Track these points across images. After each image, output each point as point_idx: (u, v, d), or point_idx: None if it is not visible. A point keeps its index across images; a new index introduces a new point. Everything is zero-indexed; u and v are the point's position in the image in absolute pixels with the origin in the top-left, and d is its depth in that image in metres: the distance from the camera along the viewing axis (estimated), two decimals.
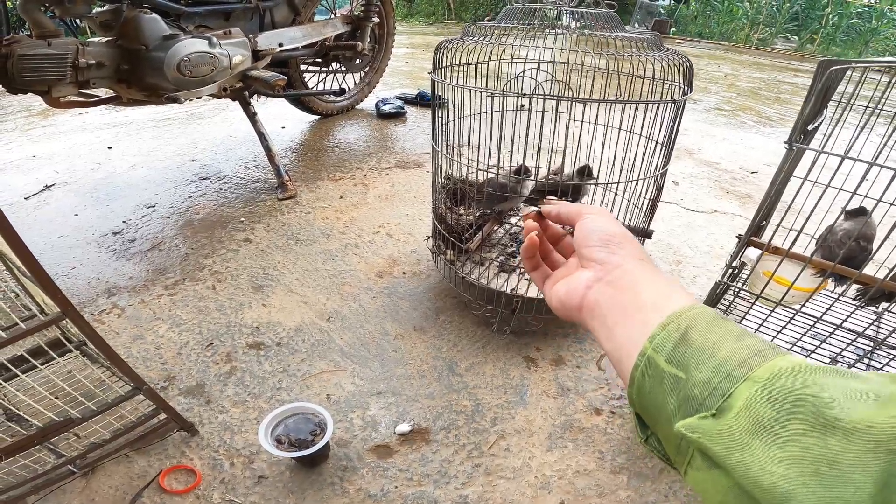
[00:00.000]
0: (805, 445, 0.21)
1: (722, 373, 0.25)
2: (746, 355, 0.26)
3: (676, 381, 0.27)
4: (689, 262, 1.56)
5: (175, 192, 1.88)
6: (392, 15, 2.80)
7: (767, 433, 0.22)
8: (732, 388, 0.25)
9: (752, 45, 9.47)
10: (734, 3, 9.82)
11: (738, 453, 0.23)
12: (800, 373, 0.23)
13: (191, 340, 1.19)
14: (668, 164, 1.10)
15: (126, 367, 0.85)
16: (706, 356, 0.27)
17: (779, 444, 0.22)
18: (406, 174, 2.10)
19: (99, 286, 1.37)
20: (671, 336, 0.29)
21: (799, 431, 0.22)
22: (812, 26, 9.64)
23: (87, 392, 0.86)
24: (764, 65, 6.66)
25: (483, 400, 1.07)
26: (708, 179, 2.21)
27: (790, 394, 0.23)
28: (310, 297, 1.33)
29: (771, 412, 0.23)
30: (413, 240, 1.60)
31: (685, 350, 0.28)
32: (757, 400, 0.23)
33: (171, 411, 0.92)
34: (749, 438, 0.23)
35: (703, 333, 0.28)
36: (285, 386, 1.08)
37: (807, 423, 0.22)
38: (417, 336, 1.22)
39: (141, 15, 1.54)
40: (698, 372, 0.26)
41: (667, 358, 0.28)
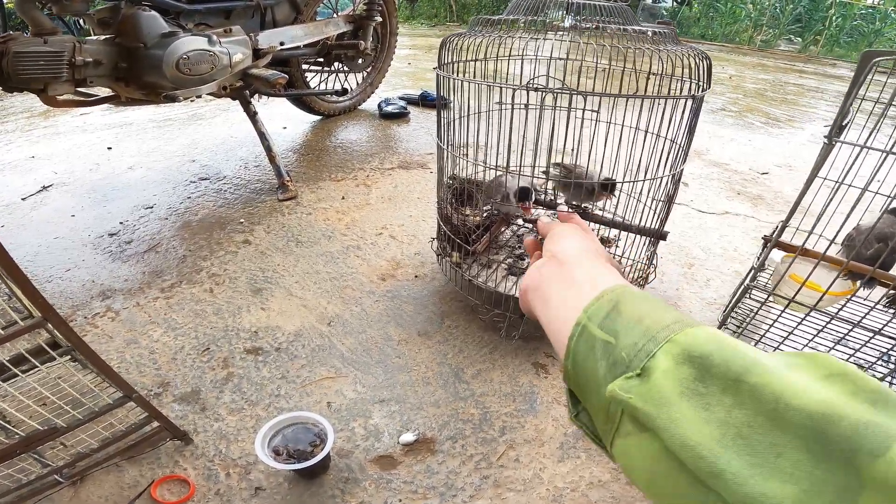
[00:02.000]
0: (725, 405, 0.21)
1: (647, 336, 0.27)
2: (669, 321, 0.27)
3: (607, 347, 0.28)
4: (702, 265, 1.51)
5: (174, 193, 1.84)
6: (395, 14, 2.77)
7: (692, 393, 0.23)
8: (655, 349, 0.25)
9: (755, 46, 9.43)
10: (737, 5, 9.79)
11: (666, 409, 0.23)
12: (711, 338, 0.24)
13: (186, 345, 1.15)
14: (685, 164, 1.06)
15: (115, 375, 0.81)
16: (634, 322, 0.28)
17: (703, 404, 0.22)
18: (409, 175, 2.05)
19: (94, 289, 1.33)
20: (604, 307, 0.31)
21: (719, 389, 0.22)
22: (815, 28, 9.60)
23: (75, 399, 0.81)
24: (768, 66, 6.61)
25: (491, 408, 1.03)
26: (718, 181, 2.16)
27: (705, 353, 0.23)
28: (310, 301, 1.29)
29: (692, 371, 0.23)
30: (417, 241, 1.56)
31: (616, 318, 0.29)
32: (678, 360, 0.24)
33: (163, 419, 0.88)
34: (676, 399, 0.23)
35: (633, 304, 0.30)
36: (284, 393, 1.04)
37: (721, 378, 0.22)
38: (422, 341, 1.18)
39: (139, 12, 1.51)
40: (626, 337, 0.28)
41: (599, 325, 0.30)
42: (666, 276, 1.42)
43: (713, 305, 1.34)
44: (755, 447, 0.20)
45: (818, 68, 7.12)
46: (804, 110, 3.84)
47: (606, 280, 0.34)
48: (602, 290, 0.32)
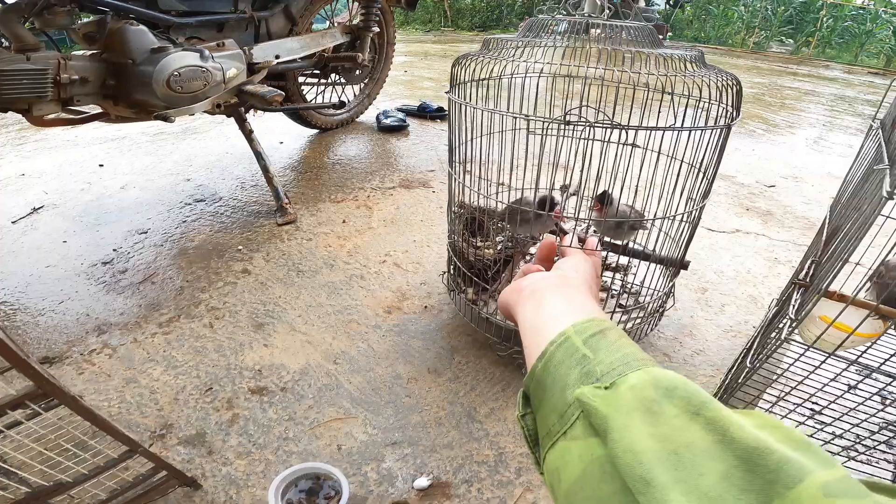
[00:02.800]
0: (673, 426, 0.24)
1: (623, 361, 0.29)
2: (647, 358, 0.30)
3: (584, 359, 0.31)
4: (716, 290, 1.47)
5: (168, 217, 1.77)
6: (392, 24, 2.72)
7: (647, 411, 0.25)
8: (628, 372, 0.28)
9: (748, 49, 9.46)
10: (729, 8, 9.82)
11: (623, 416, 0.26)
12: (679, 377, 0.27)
13: (188, 384, 1.10)
14: (708, 198, 1.01)
15: (118, 432, 0.76)
16: (615, 349, 0.31)
17: (654, 422, 0.25)
18: (411, 195, 2.00)
19: (89, 323, 1.27)
20: (592, 327, 0.33)
21: (672, 414, 0.25)
22: (807, 29, 9.66)
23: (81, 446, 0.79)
24: (762, 69, 6.62)
25: (506, 449, 0.98)
26: (726, 195, 2.12)
27: (671, 383, 0.26)
28: (314, 337, 1.23)
29: (653, 394, 0.26)
30: (422, 269, 1.50)
31: (601, 340, 0.32)
32: (644, 384, 0.27)
33: (170, 468, 0.84)
34: (632, 411, 0.26)
35: (619, 337, 0.33)
36: (292, 436, 0.99)
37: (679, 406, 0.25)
38: (432, 379, 1.13)
39: (127, 27, 1.43)
40: (605, 356, 0.30)
41: (583, 340, 0.32)
42: (679, 301, 1.38)
43: (729, 333, 1.30)
44: (685, 465, 0.22)
45: (812, 70, 7.14)
46: (803, 115, 3.83)
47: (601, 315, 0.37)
48: (593, 317, 0.35)
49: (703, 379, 1.15)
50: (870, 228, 0.55)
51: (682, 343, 1.26)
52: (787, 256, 1.68)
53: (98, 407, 1.03)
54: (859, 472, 0.87)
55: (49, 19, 1.36)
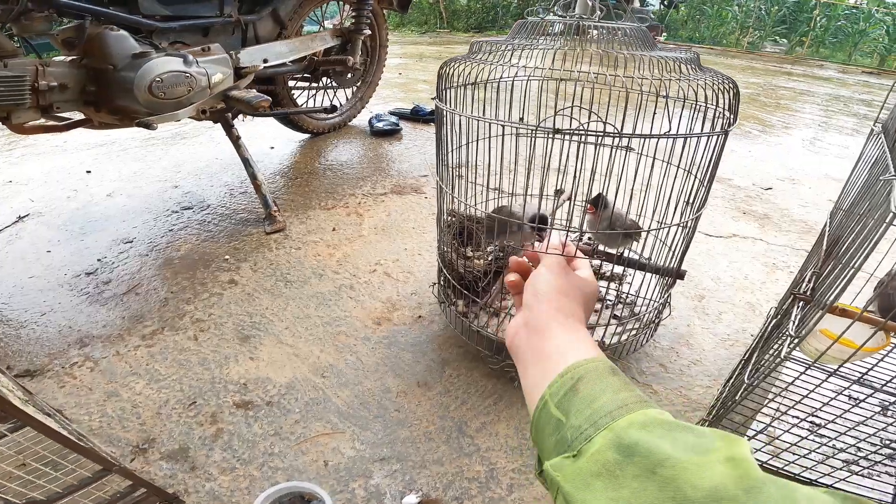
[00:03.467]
0: (633, 488, 0.25)
1: (591, 421, 0.30)
2: (613, 407, 0.30)
3: (558, 425, 0.32)
4: (713, 297, 1.44)
5: (155, 225, 1.73)
6: (384, 26, 2.68)
7: (608, 475, 0.27)
8: (594, 434, 0.29)
9: (742, 49, 9.47)
10: (724, 8, 9.83)
11: (582, 492, 0.27)
12: (646, 425, 0.28)
13: (171, 398, 1.06)
14: (704, 207, 0.98)
15: (90, 452, 0.73)
16: (584, 405, 0.32)
17: (614, 485, 0.26)
18: (402, 201, 1.96)
19: (71, 335, 1.24)
20: (565, 385, 0.34)
21: (631, 475, 0.26)
22: (800, 29, 9.68)
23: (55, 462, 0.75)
24: (757, 69, 6.61)
25: (498, 464, 0.95)
26: (722, 199, 2.09)
27: (632, 442, 0.27)
28: (302, 349, 1.20)
29: (616, 457, 0.27)
30: (413, 279, 1.47)
31: (572, 398, 0.33)
32: (608, 446, 0.28)
33: (150, 486, 0.81)
34: (593, 480, 0.27)
35: (591, 385, 0.33)
36: (278, 451, 0.95)
37: (639, 466, 0.26)
38: (422, 393, 1.09)
39: (106, 32, 1.40)
40: (575, 418, 0.31)
41: (556, 404, 0.33)
42: (676, 310, 1.35)
43: (727, 342, 1.27)
44: None
45: (806, 70, 7.15)
46: (798, 116, 3.81)
47: (574, 354, 0.37)
48: (567, 366, 0.36)
49: (699, 390, 1.12)
50: (877, 244, 0.52)
51: (678, 353, 1.22)
52: (785, 262, 1.66)
53: (78, 421, 1.00)
54: (860, 487, 0.84)
55: (27, 25, 1.33)
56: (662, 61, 0.91)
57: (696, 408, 1.08)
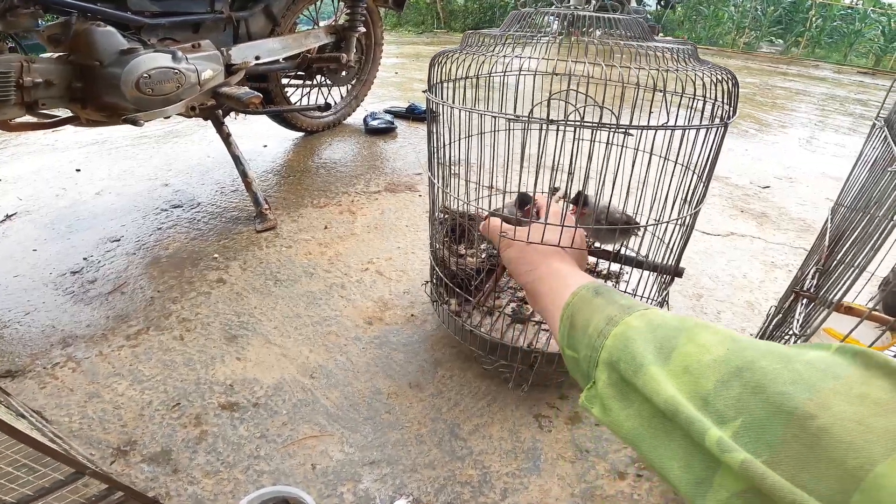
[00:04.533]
0: (635, 401, 0.29)
1: (591, 346, 0.34)
2: (603, 325, 0.34)
3: (576, 362, 0.36)
4: (711, 296, 1.41)
5: (143, 223, 1.70)
6: (380, 24, 2.66)
7: (619, 394, 0.31)
8: (597, 357, 0.33)
9: (738, 49, 9.49)
10: (720, 8, 9.86)
11: (608, 415, 0.31)
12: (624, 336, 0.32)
13: (154, 400, 1.03)
14: (703, 202, 0.95)
15: (61, 455, 0.69)
16: (583, 335, 0.35)
17: (626, 403, 0.30)
18: (396, 199, 1.93)
19: (54, 335, 1.20)
20: (566, 326, 0.38)
21: (631, 388, 0.30)
22: (796, 30, 9.72)
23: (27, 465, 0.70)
24: (753, 69, 6.62)
25: (491, 468, 0.92)
26: (720, 197, 2.07)
27: (618, 356, 0.31)
28: (291, 350, 1.16)
29: (614, 376, 0.31)
30: (406, 278, 1.43)
31: (574, 333, 0.37)
32: (606, 367, 0.32)
33: (127, 489, 0.77)
34: (611, 402, 0.31)
35: (581, 314, 0.37)
36: (264, 454, 0.92)
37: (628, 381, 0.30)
38: (413, 394, 1.06)
39: (93, 28, 1.37)
40: (582, 350, 0.35)
41: (567, 345, 0.38)
42: (674, 309, 1.32)
43: None
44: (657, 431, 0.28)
45: (802, 70, 7.16)
46: (794, 115, 3.81)
47: (564, 293, 0.41)
48: (561, 307, 0.40)
49: None
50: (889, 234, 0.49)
51: None
52: (783, 260, 1.63)
53: (58, 423, 0.96)
54: None
55: (12, 21, 1.29)
56: (660, 53, 0.88)
57: None
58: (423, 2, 8.40)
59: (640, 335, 0.30)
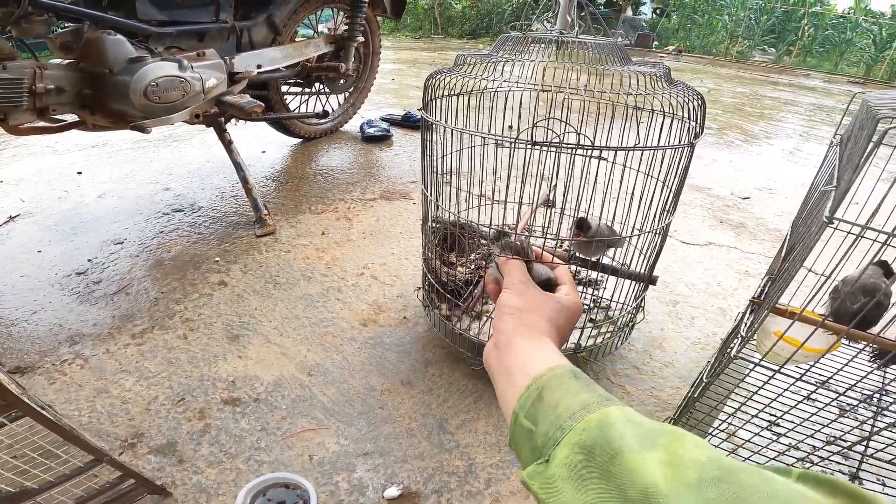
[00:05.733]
0: (598, 489, 0.27)
1: (556, 425, 0.32)
2: (576, 409, 0.32)
3: (530, 434, 0.34)
4: (687, 303, 1.50)
5: (146, 227, 1.77)
6: (378, 33, 2.74)
7: (577, 477, 0.28)
8: (561, 437, 0.31)
9: (731, 57, 9.66)
10: (714, 17, 10.05)
11: (553, 497, 0.28)
12: (605, 424, 0.30)
13: (160, 395, 1.10)
14: (674, 213, 1.05)
15: (82, 442, 0.77)
16: (549, 411, 0.33)
17: (582, 488, 0.27)
18: (391, 206, 2.01)
19: (61, 333, 1.27)
20: (531, 396, 0.36)
21: (596, 475, 0.27)
22: (789, 38, 9.90)
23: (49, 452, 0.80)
24: (745, 78, 6.76)
25: (476, 459, 1.00)
26: (701, 207, 2.17)
27: (592, 443, 0.29)
28: (290, 349, 1.24)
29: (580, 458, 0.29)
30: (399, 282, 1.52)
31: (538, 406, 0.35)
32: (572, 448, 0.29)
33: (138, 476, 0.85)
34: (563, 483, 0.28)
35: (553, 391, 0.35)
36: (264, 446, 1.00)
37: (599, 465, 0.27)
38: (405, 391, 1.14)
39: (104, 36, 1.44)
40: (542, 425, 0.33)
41: (525, 415, 0.35)
42: (651, 315, 1.41)
43: (697, 345, 1.34)
44: None
45: (792, 79, 7.30)
46: (780, 126, 3.93)
47: (537, 364, 0.39)
48: (532, 377, 0.38)
49: (670, 391, 1.18)
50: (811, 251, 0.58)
51: (651, 355, 1.29)
52: (757, 269, 1.73)
53: (68, 416, 1.03)
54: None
55: (26, 28, 1.36)
56: (635, 76, 0.97)
57: (666, 408, 1.14)
58: (421, 7, 8.50)
59: (621, 424, 0.29)
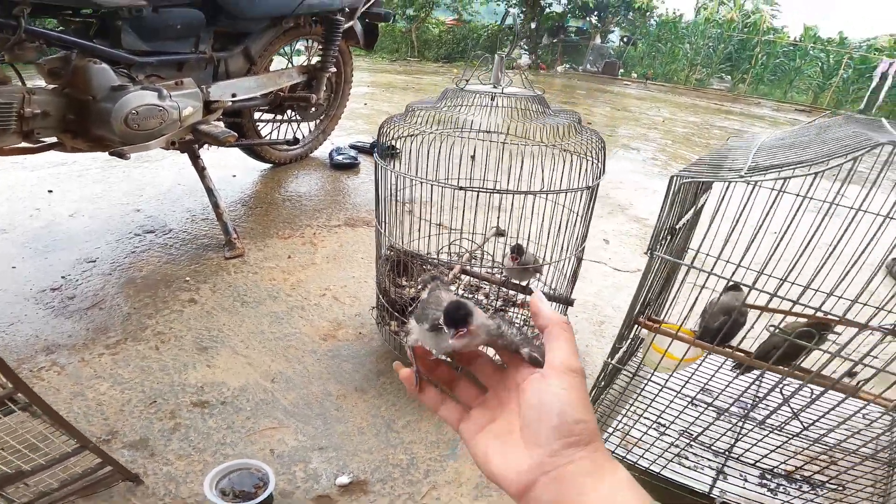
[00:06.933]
0: None
1: None
2: None
3: None
4: (611, 323, 1.76)
5: (118, 246, 1.91)
6: (350, 63, 2.91)
7: None
8: None
9: (691, 85, 10.36)
10: (676, 45, 10.80)
11: None
12: None
13: (133, 398, 1.25)
14: (585, 242, 1.30)
15: (73, 429, 0.92)
16: None
17: None
18: (354, 233, 2.21)
19: (37, 343, 1.40)
20: None
21: None
22: (743, 66, 10.68)
23: (33, 445, 0.94)
24: (699, 107, 7.30)
25: (418, 454, 1.18)
26: (636, 237, 2.45)
27: None
28: (255, 359, 1.42)
29: None
30: (358, 303, 1.71)
31: None
32: None
33: (116, 465, 1.00)
34: None
35: None
36: (230, 441, 1.16)
37: None
38: (359, 396, 1.33)
39: (90, 65, 1.55)
40: None
41: None
42: (578, 333, 1.66)
43: None
44: None
45: (744, 108, 7.89)
46: None
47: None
48: None
49: None
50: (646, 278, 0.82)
51: None
52: None
53: None
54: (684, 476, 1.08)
55: (19, 54, 1.47)
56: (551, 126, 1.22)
57: None
58: (398, 30, 8.81)
59: None
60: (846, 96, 9.93)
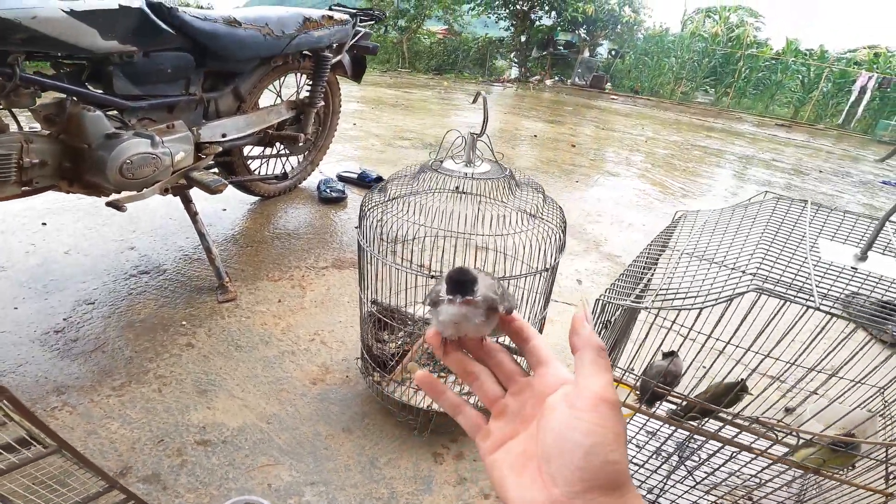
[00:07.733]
0: None
1: None
2: None
3: None
4: None
5: (115, 288, 2.06)
6: (338, 94, 3.05)
7: None
8: None
9: (676, 99, 10.72)
10: (662, 59, 11.18)
11: None
12: None
13: (142, 437, 1.41)
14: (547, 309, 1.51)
15: (100, 470, 1.06)
16: None
17: None
18: (341, 276, 2.37)
19: (47, 384, 1.54)
20: None
21: None
22: (727, 80, 11.09)
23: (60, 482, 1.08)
24: (682, 123, 7.59)
25: (397, 489, 1.37)
26: (607, 276, 2.66)
27: None
28: (251, 402, 1.60)
29: None
30: (345, 348, 1.89)
31: None
32: None
33: (139, 500, 1.14)
34: None
35: None
36: (232, 476, 1.34)
37: None
38: (345, 436, 1.52)
39: (84, 112, 1.62)
40: None
41: None
42: None
43: None
44: None
45: (725, 124, 8.20)
46: (699, 182, 4.61)
47: None
48: None
49: None
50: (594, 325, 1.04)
51: None
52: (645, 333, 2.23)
53: None
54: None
55: (15, 101, 1.55)
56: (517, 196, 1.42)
57: None
58: (390, 41, 8.95)
59: None
60: (825, 110, 10.34)
